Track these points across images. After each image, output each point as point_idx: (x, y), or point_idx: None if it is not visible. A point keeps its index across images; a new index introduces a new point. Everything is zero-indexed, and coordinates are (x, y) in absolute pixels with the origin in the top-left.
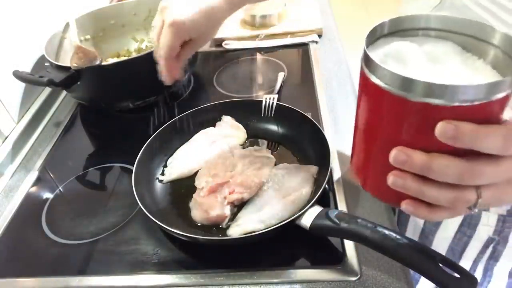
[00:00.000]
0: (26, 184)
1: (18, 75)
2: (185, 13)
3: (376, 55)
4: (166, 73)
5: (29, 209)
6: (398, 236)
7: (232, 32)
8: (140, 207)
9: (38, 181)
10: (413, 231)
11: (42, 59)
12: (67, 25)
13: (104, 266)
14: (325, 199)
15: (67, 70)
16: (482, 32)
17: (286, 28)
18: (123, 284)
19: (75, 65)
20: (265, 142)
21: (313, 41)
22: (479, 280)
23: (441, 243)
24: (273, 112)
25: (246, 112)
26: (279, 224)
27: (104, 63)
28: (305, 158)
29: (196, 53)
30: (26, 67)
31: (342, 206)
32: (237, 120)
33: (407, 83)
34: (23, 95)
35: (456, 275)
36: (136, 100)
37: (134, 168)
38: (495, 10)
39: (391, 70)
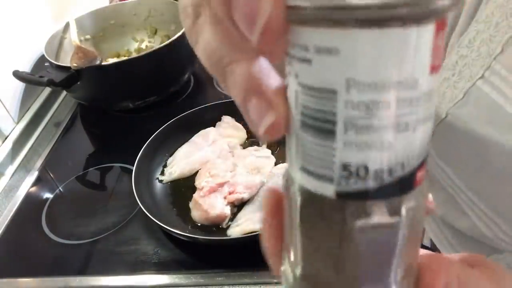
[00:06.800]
0: (26, 184)
1: (18, 75)
2: None
3: None
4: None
5: (29, 209)
6: None
7: None
8: (140, 207)
9: (38, 181)
10: None
11: (42, 59)
12: (67, 25)
13: (104, 266)
14: None
15: (67, 70)
16: None
17: None
18: (123, 284)
19: (75, 65)
20: (265, 142)
21: None
22: None
23: None
24: None
25: None
26: None
27: (104, 63)
28: None
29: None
30: (26, 67)
31: None
32: (237, 120)
33: None
34: (23, 95)
35: None
36: (136, 100)
37: (134, 168)
38: None
39: None
